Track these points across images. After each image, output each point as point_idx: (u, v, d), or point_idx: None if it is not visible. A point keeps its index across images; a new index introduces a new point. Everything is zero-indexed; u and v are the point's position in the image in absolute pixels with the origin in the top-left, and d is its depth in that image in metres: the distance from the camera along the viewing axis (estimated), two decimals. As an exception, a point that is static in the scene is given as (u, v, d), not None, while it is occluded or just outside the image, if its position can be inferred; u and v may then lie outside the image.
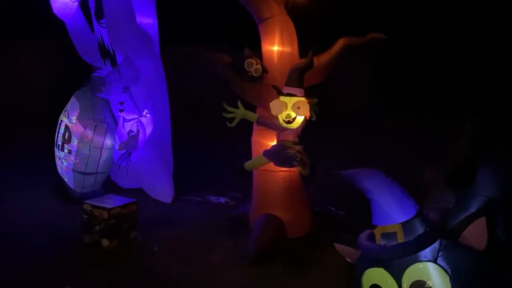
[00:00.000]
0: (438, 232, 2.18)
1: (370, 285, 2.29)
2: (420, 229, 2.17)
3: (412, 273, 2.14)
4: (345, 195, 4.82)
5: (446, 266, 2.10)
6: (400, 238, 2.16)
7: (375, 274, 2.26)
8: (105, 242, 3.83)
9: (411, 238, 2.15)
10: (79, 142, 4.91)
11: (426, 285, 2.12)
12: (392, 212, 2.20)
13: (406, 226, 2.17)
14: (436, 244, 2.14)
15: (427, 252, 2.13)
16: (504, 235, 2.72)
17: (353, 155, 5.24)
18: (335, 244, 2.54)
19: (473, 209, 2.82)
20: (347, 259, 2.54)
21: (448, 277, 2.09)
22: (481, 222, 2.12)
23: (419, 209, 2.25)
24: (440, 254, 2.12)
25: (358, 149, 5.42)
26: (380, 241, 2.22)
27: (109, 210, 3.80)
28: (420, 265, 2.13)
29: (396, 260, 2.17)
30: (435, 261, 2.11)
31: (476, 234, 2.13)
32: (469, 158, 2.91)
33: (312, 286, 3.40)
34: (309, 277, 3.50)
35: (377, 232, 2.24)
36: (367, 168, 2.24)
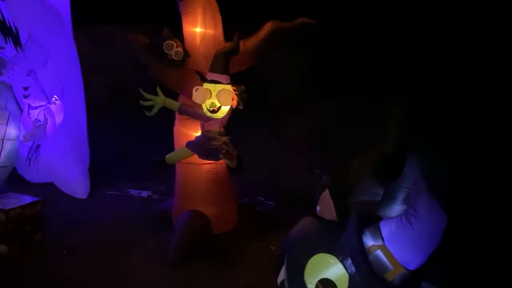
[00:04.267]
0: None
1: (320, 278, 2.08)
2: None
3: None
4: (275, 186, 4.76)
5: None
6: (391, 276, 1.96)
7: (333, 268, 2.05)
8: (3, 248, 3.37)
9: None
10: (-24, 133, 4.32)
11: None
12: (413, 251, 1.95)
13: (402, 274, 1.97)
14: None
15: None
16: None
17: (283, 145, 5.15)
18: (327, 189, 2.24)
19: (399, 201, 2.77)
20: (317, 208, 2.27)
21: None
22: None
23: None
24: None
25: (287, 138, 5.34)
26: (372, 255, 1.99)
27: (7, 212, 3.33)
28: None
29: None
30: None
31: None
32: (396, 149, 2.81)
33: (239, 285, 3.22)
34: (235, 275, 3.32)
35: (383, 248, 1.97)
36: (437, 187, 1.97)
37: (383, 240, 2.00)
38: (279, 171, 5.03)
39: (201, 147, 3.45)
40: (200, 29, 3.62)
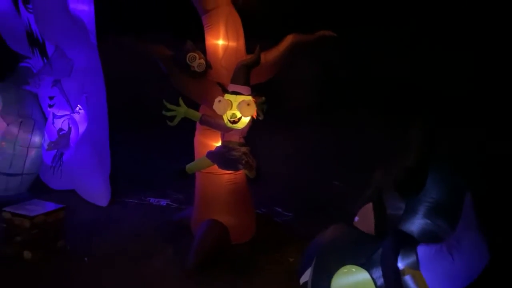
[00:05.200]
0: None
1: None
2: None
3: None
4: (292, 197, 4.75)
5: None
6: None
7: (361, 281, 2.04)
8: (27, 254, 3.42)
9: None
10: (2, 140, 4.45)
11: None
12: (447, 282, 1.92)
13: None
14: None
15: None
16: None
17: (302, 155, 5.13)
18: (372, 202, 2.23)
19: (420, 215, 2.73)
20: (355, 218, 2.26)
21: None
22: None
23: None
24: None
25: (307, 149, 5.33)
26: (404, 278, 1.98)
27: (31, 218, 3.39)
28: None
29: None
30: None
31: None
32: (420, 164, 2.78)
33: (257, 296, 3.22)
34: (253, 286, 3.31)
35: (416, 273, 1.95)
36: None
37: (418, 265, 1.98)
38: (297, 182, 5.02)
39: (221, 157, 3.48)
40: (222, 42, 3.67)
